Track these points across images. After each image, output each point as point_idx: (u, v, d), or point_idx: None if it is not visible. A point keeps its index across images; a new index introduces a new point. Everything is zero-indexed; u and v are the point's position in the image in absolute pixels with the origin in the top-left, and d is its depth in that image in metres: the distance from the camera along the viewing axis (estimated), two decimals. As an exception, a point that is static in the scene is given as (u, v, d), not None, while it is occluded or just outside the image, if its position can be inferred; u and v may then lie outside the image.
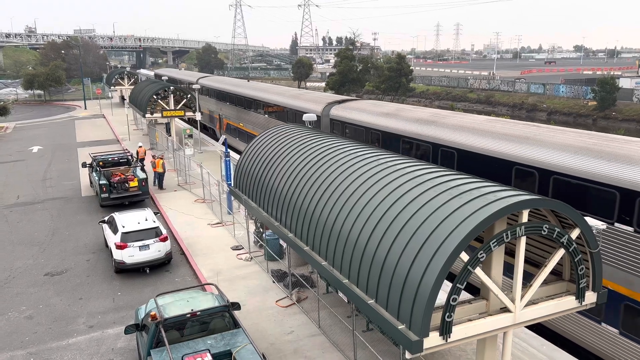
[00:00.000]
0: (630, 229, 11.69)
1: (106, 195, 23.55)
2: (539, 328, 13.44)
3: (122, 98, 67.49)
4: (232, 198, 20.52)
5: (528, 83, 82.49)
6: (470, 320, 8.29)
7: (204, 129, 47.41)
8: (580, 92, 71.08)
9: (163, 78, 53.33)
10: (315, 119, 18.60)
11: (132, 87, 58.72)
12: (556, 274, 9.55)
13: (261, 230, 18.85)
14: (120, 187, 24.03)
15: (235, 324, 11.12)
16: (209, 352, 9.68)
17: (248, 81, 45.95)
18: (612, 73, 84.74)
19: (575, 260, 8.61)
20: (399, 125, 19.46)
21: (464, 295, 8.42)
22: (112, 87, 68.13)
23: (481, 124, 16.65)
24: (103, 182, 23.64)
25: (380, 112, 21.46)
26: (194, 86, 38.30)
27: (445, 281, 7.58)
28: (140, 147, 30.60)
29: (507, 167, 14.45)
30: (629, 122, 59.73)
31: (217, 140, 43.42)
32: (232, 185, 17.42)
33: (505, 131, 15.41)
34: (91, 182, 27.37)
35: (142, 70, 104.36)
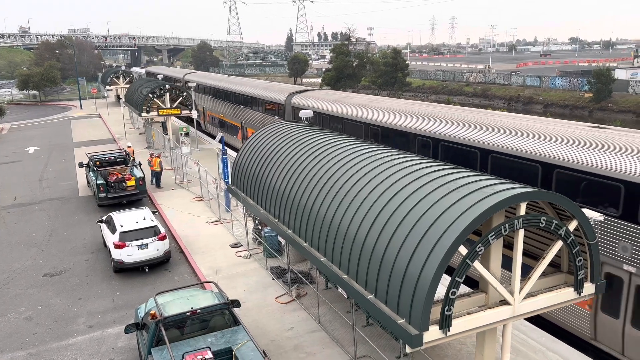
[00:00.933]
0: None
1: (104, 194, 23.51)
2: (537, 320, 13.51)
3: (118, 97, 67.33)
4: (230, 196, 20.51)
5: (524, 76, 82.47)
6: (469, 313, 8.33)
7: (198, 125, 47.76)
8: (576, 84, 71.11)
9: (159, 76, 54.97)
10: (312, 114, 18.90)
11: (128, 86, 58.56)
12: (554, 266, 9.59)
13: (260, 227, 18.85)
14: (118, 186, 24.00)
15: (236, 322, 11.13)
16: (210, 350, 9.69)
17: (228, 76, 49.71)
18: (607, 65, 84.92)
19: (574, 252, 8.64)
20: (341, 109, 23.67)
21: (463, 289, 8.45)
22: (107, 87, 67.95)
23: (400, 106, 20.86)
24: (100, 181, 23.59)
25: (328, 99, 25.79)
26: (190, 84, 38.29)
27: (445, 275, 7.60)
28: (129, 146, 30.66)
29: (412, 138, 18.60)
30: (624, 114, 59.83)
31: (202, 132, 45.00)
32: (230, 182, 17.41)
33: (416, 111, 19.40)
34: (88, 182, 27.32)
35: (135, 68, 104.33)
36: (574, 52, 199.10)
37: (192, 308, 11.01)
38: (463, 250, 7.66)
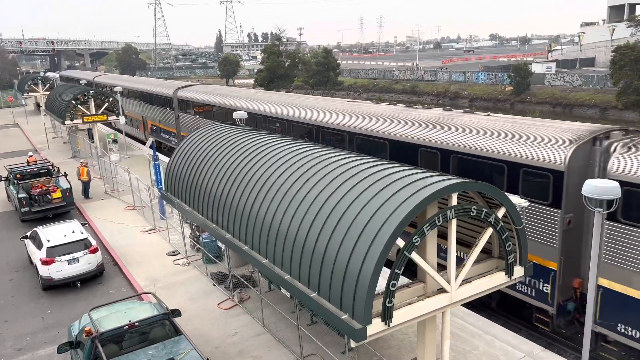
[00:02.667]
0: None
1: (27, 209, 22.14)
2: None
3: (38, 105, 63.53)
4: (165, 203, 19.92)
5: (450, 72, 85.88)
6: (410, 303, 8.56)
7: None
8: (498, 78, 74.97)
9: (81, 83, 57.28)
10: (246, 116, 18.86)
11: (48, 93, 55.39)
12: (486, 252, 10.05)
13: (197, 233, 18.45)
14: (42, 199, 22.68)
15: (177, 331, 10.86)
16: (151, 363, 9.38)
17: (132, 76, 60.36)
18: (525, 59, 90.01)
19: (503, 237, 9.10)
20: (212, 99, 30.71)
21: (403, 280, 8.68)
22: (25, 94, 63.81)
23: (249, 94, 28.81)
24: (22, 195, 22.20)
25: (203, 92, 33.00)
26: (116, 89, 36.88)
27: (384, 268, 7.77)
28: (30, 156, 29.25)
29: (253, 118, 24.54)
30: (542, 105, 63.74)
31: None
32: (163, 189, 16.91)
33: (260, 98, 26.51)
34: (9, 197, 25.64)
35: (49, 74, 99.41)
36: (494, 48, 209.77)
37: (129, 321, 10.63)
38: (400, 242, 7.86)
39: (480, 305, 14.56)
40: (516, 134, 13.44)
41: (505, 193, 9.17)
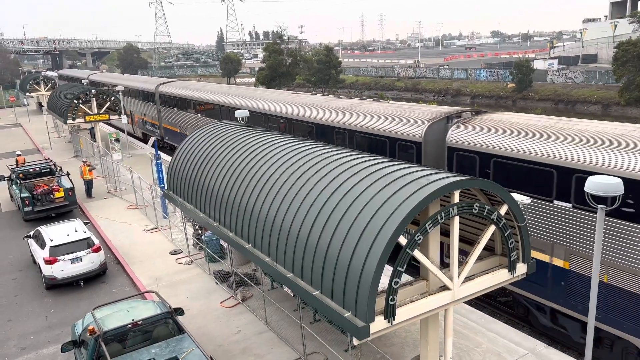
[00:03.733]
0: None
1: (29, 208, 22.18)
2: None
3: (40, 104, 63.60)
4: (167, 202, 19.95)
5: (451, 69, 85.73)
6: (412, 301, 8.56)
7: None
8: (500, 75, 74.80)
9: (82, 81, 61.44)
10: (248, 114, 18.87)
11: (50, 92, 55.45)
12: (489, 249, 10.04)
13: (200, 232, 18.47)
14: (45, 198, 22.72)
15: (180, 330, 10.87)
16: (155, 361, 9.40)
17: (122, 74, 65.13)
18: (526, 56, 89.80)
19: (505, 234, 9.08)
20: (186, 93, 35.01)
21: (405, 278, 8.68)
22: (27, 94, 63.87)
23: (216, 88, 33.39)
24: (25, 194, 22.24)
25: (180, 87, 37.22)
26: (117, 88, 37.01)
27: (387, 266, 7.77)
28: (19, 155, 29.36)
29: (218, 108, 29.73)
30: (544, 102, 63.60)
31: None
32: (166, 188, 16.93)
33: (223, 91, 31.08)
34: (12, 196, 25.69)
35: (47, 72, 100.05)
36: (496, 44, 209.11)
37: (133, 320, 10.64)
38: (403, 240, 7.86)
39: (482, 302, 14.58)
40: (397, 116, 16.81)
41: (505, 189, 9.15)
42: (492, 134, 13.73)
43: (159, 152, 23.28)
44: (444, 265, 9.22)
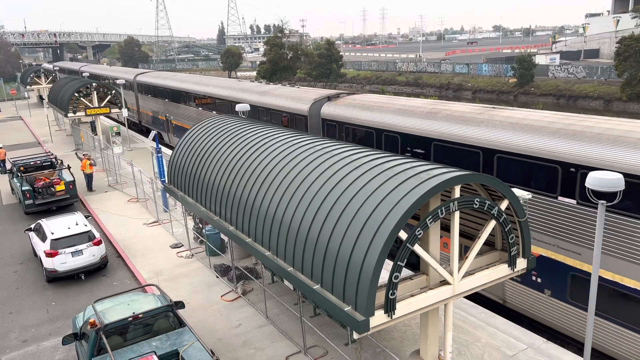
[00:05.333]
0: None
1: (30, 201, 22.20)
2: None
3: (41, 97, 63.55)
4: (168, 195, 19.96)
5: (453, 64, 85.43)
6: (412, 295, 8.57)
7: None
8: (501, 70, 74.54)
9: (55, 68, 68.20)
10: (249, 108, 18.90)
11: (51, 85, 55.39)
12: (489, 244, 10.05)
13: (200, 225, 18.49)
14: (46, 191, 22.73)
15: (181, 323, 10.91)
16: (155, 354, 9.43)
17: (110, 66, 72.56)
18: (528, 51, 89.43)
19: (506, 229, 9.09)
20: (158, 81, 40.03)
21: (405, 272, 8.69)
22: (28, 87, 63.79)
23: (182, 77, 38.90)
24: (26, 187, 22.26)
25: (154, 76, 42.37)
26: (84, 74, 37.49)
27: (387, 260, 7.79)
28: (0, 148, 29.33)
29: (178, 93, 35.70)
30: (546, 97, 63.42)
31: None
32: (167, 181, 16.93)
33: (183, 79, 37.11)
34: (12, 189, 25.72)
35: (43, 65, 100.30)
36: (497, 39, 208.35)
37: (133, 313, 10.67)
38: (403, 235, 7.86)
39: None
40: (296, 97, 22.54)
41: (507, 184, 9.15)
42: (345, 108, 19.24)
43: (160, 145, 23.27)
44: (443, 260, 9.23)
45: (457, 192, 8.44)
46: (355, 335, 7.92)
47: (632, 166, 10.62)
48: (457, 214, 8.59)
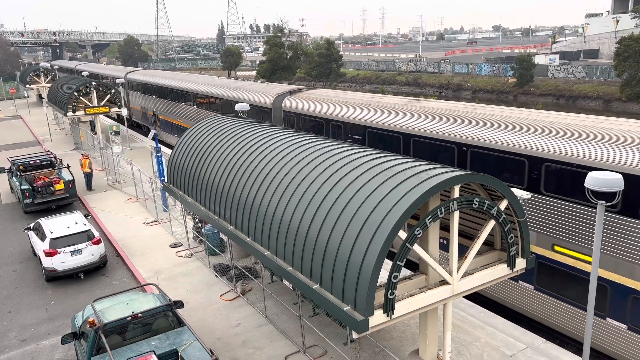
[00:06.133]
0: None
1: (30, 200, 22.19)
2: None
3: (40, 97, 63.48)
4: (167, 194, 19.95)
5: (452, 63, 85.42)
6: (411, 295, 8.57)
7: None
8: (501, 70, 74.54)
9: (55, 67, 66.32)
10: (248, 108, 18.95)
11: (50, 84, 55.38)
12: (488, 244, 10.05)
13: (200, 225, 18.49)
14: (45, 191, 22.72)
15: (180, 323, 10.90)
16: (154, 354, 9.44)
17: (104, 65, 79.61)
18: (528, 51, 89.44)
19: (505, 229, 9.09)
20: (144, 78, 43.28)
21: (405, 272, 8.69)
22: (27, 86, 63.75)
23: (163, 74, 43.90)
24: (25, 187, 22.24)
25: (142, 74, 45.54)
26: (83, 73, 37.45)
27: (386, 260, 7.78)
28: None
29: (162, 89, 38.79)
30: (545, 97, 63.42)
31: None
32: (166, 181, 16.92)
33: (163, 75, 41.75)
34: (12, 188, 25.70)
35: (41, 64, 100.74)
36: (497, 39, 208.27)
37: (133, 312, 10.67)
38: (403, 234, 7.86)
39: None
40: (262, 92, 25.32)
41: (506, 184, 9.15)
42: (302, 101, 21.70)
43: (159, 145, 23.26)
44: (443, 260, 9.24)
45: (456, 192, 8.44)
46: (355, 335, 7.92)
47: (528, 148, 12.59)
48: (456, 214, 8.60)
